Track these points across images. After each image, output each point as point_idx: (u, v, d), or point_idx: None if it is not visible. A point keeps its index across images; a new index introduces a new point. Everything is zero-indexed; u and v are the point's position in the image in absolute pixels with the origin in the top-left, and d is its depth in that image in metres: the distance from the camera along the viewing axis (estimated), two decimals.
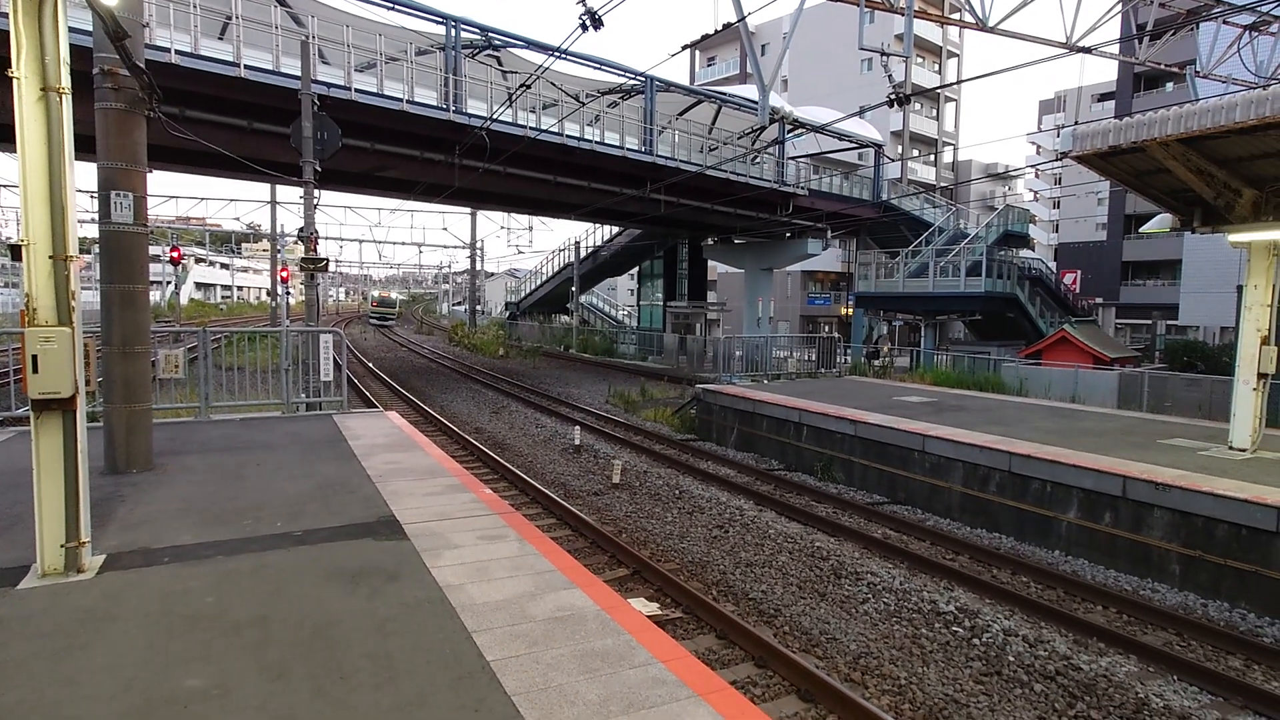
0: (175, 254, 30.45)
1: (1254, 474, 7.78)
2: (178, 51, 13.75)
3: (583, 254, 37.76)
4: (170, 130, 7.95)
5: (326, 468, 6.90)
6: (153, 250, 36.11)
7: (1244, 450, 8.85)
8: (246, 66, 14.52)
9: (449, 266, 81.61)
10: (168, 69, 13.29)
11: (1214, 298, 24.76)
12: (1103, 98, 49.29)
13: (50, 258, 4.03)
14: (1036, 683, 5.32)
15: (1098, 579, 7.47)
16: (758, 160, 25.59)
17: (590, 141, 20.22)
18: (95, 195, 6.65)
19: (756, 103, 16.67)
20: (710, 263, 36.90)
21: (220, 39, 16.11)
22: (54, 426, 4.10)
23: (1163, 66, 13.17)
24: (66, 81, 4.05)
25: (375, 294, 65.61)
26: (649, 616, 5.15)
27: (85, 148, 5.79)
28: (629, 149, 21.23)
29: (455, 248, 50.89)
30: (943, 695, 5.16)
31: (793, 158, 28.20)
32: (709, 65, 59.48)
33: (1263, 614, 6.53)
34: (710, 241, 33.36)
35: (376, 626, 3.64)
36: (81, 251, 4.46)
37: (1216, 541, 6.92)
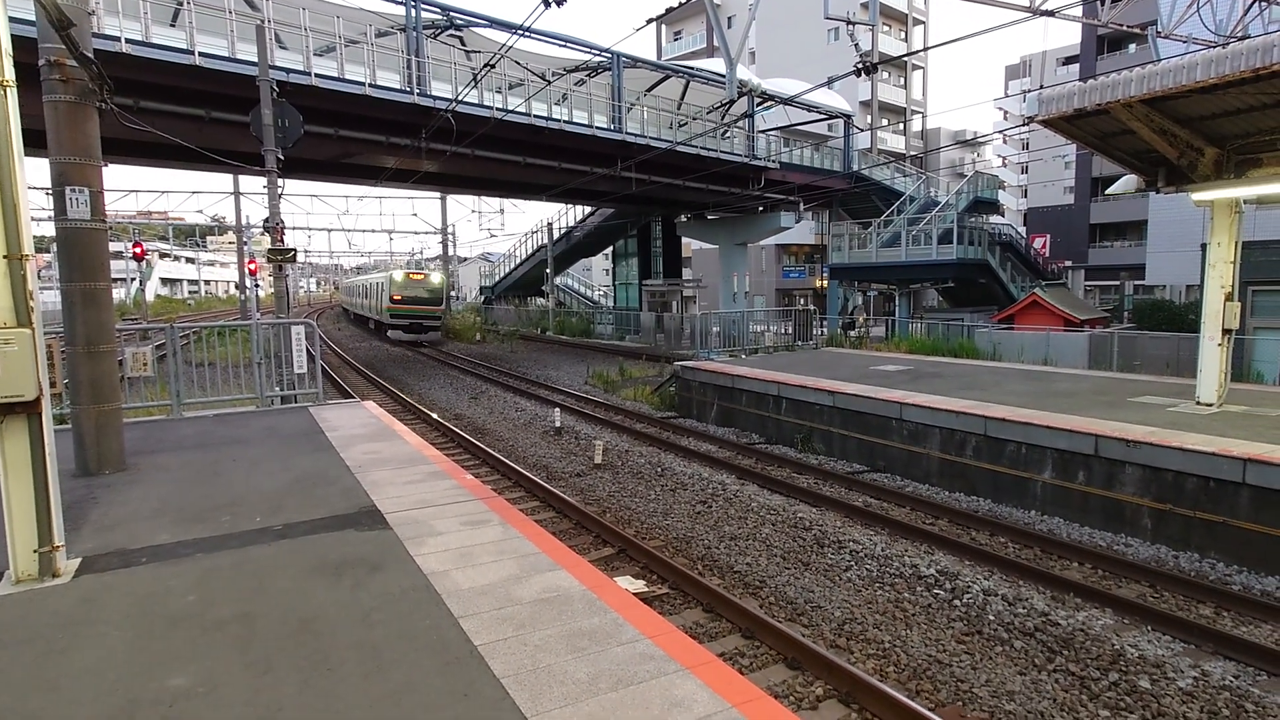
0: (138, 250, 29.81)
1: (1220, 428, 7.97)
2: (128, 40, 13.36)
3: (556, 235, 37.52)
4: (125, 122, 7.70)
5: (304, 460, 6.83)
6: (114, 246, 35.27)
7: (1211, 405, 9.06)
8: (201, 54, 14.13)
9: (421, 253, 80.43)
10: (119, 58, 12.91)
11: (1180, 256, 25.16)
12: (1067, 61, 49.59)
13: (4, 257, 3.91)
14: (1016, 639, 5.45)
15: (1073, 536, 7.64)
16: (728, 135, 25.46)
17: (558, 120, 19.99)
18: (50, 192, 6.44)
19: (724, 76, 16.56)
20: (684, 239, 36.83)
21: (173, 25, 15.65)
22: (19, 430, 4.01)
23: (1125, 28, 13.24)
24: (10, 74, 3.91)
25: (397, 275, 33.13)
26: (635, 594, 5.18)
27: (36, 143, 5.61)
28: (598, 127, 21.02)
29: (427, 233, 50.33)
30: (926, 656, 5.27)
31: (763, 131, 28.10)
32: (675, 39, 58.84)
33: (1231, 562, 6.73)
34: (683, 218, 33.24)
35: (362, 617, 3.62)
36: (39, 250, 4.33)
37: (1186, 495, 7.10)
